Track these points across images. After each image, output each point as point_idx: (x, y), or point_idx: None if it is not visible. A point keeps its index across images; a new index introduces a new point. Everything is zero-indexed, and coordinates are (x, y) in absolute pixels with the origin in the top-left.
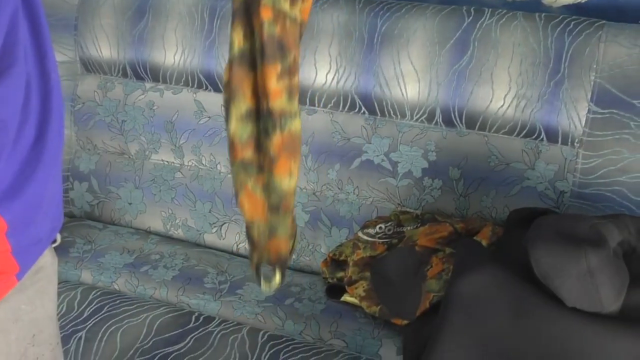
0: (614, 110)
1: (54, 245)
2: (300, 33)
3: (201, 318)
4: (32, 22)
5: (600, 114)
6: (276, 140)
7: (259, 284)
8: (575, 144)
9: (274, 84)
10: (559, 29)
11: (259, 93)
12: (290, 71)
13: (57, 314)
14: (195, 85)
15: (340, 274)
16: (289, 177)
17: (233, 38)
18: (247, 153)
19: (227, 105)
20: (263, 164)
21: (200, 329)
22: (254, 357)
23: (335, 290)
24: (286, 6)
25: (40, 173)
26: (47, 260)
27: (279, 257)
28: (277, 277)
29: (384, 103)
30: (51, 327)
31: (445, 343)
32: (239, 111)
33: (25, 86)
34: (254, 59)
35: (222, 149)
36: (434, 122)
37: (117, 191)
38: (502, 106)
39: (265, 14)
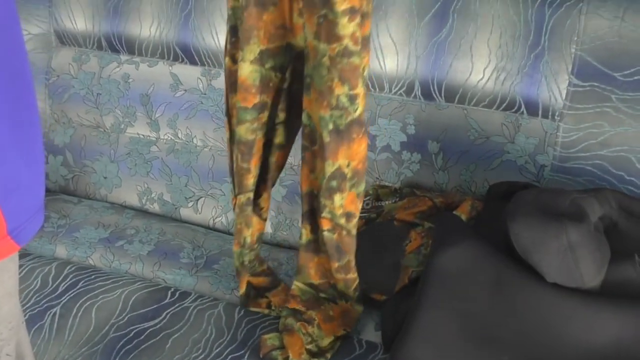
0: (595, 83)
1: None
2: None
3: (177, 293)
4: None
5: (581, 86)
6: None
7: None
8: (555, 117)
9: (335, 273)
10: (539, 1)
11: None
12: (345, 269)
13: (32, 290)
14: (172, 58)
15: None
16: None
17: (302, 231)
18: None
19: (295, 279)
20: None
21: (176, 305)
22: (231, 333)
23: None
24: (342, 221)
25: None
26: None
27: None
28: None
29: None
30: (10, 304)
31: (423, 318)
32: (301, 284)
33: None
34: (318, 247)
35: (199, 122)
36: (412, 95)
37: (92, 165)
38: (481, 79)
39: (325, 224)
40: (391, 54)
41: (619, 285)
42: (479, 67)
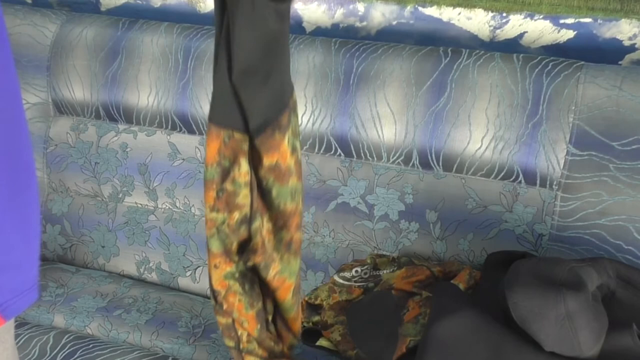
0: (593, 153)
1: None
2: None
3: None
4: None
5: (579, 156)
6: None
7: None
8: (553, 186)
9: None
10: (537, 70)
11: None
12: None
13: (30, 359)
14: (169, 127)
15: (316, 318)
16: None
17: None
18: None
19: None
20: None
21: None
22: None
23: (311, 335)
24: None
25: None
26: None
27: None
28: None
29: (360, 145)
30: None
31: None
32: None
33: None
34: None
35: (197, 191)
36: (410, 164)
37: (90, 234)
38: (479, 148)
39: None
40: (389, 123)
41: (617, 355)
42: (477, 136)
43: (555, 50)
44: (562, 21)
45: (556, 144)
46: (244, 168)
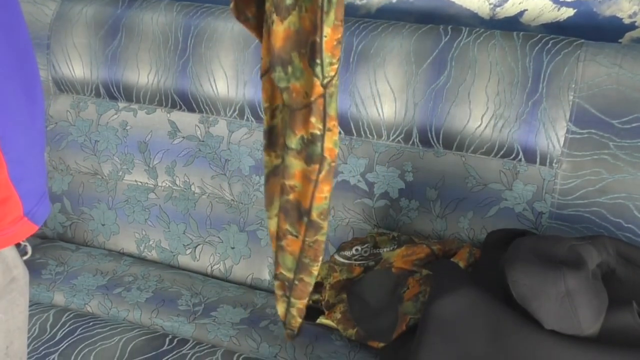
0: (593, 131)
1: (25, 257)
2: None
3: (175, 340)
4: None
5: (579, 134)
6: None
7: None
8: (553, 164)
9: None
10: (537, 48)
11: None
12: None
13: (30, 337)
14: (169, 105)
15: (316, 297)
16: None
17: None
18: None
19: None
20: None
21: (174, 352)
22: None
23: (310, 313)
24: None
25: None
26: (20, 272)
27: None
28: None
29: (360, 123)
30: (21, 340)
31: None
32: None
33: None
34: None
35: (197, 170)
36: (410, 142)
37: (90, 212)
38: (479, 126)
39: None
40: (389, 101)
41: (617, 332)
42: (477, 114)
43: (555, 28)
44: None
45: (556, 122)
46: None
